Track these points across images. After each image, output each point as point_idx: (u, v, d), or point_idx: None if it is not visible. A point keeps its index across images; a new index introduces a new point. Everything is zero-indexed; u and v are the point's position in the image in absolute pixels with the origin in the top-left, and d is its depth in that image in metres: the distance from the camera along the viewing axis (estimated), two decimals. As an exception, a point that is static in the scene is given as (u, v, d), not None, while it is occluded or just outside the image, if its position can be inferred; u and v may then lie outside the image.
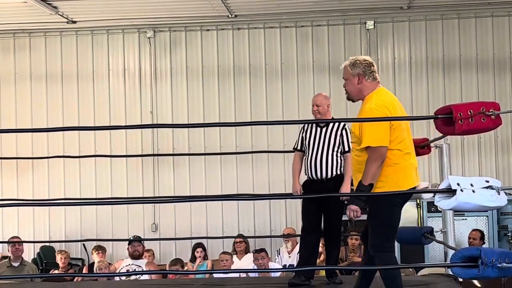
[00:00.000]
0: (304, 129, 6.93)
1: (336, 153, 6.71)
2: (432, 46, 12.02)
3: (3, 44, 12.56)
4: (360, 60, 5.34)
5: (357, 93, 5.39)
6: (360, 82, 5.35)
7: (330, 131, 6.73)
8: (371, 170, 5.05)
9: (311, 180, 6.78)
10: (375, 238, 5.24)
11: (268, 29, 12.25)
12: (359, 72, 5.32)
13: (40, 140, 12.18)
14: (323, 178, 6.68)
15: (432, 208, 10.80)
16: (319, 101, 6.89)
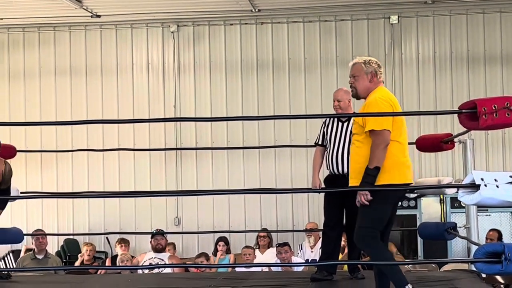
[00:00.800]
0: (326, 124, 6.89)
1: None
2: (457, 40, 11.95)
3: (28, 38, 12.65)
4: (372, 60, 5.48)
5: (366, 90, 5.47)
6: (371, 80, 5.44)
7: (351, 126, 6.71)
8: (376, 154, 5.11)
9: (333, 175, 6.76)
10: (363, 229, 5.25)
11: (292, 23, 12.23)
12: (372, 71, 5.43)
13: (64, 134, 12.26)
14: (344, 173, 6.65)
15: (455, 203, 10.76)
16: (340, 96, 6.84)
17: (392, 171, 5.20)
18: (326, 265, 6.68)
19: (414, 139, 7.64)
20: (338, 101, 6.82)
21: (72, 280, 7.45)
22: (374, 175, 5.11)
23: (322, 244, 7.01)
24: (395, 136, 5.25)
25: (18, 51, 12.65)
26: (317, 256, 10.18)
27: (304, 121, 11.88)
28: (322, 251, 6.94)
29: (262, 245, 10.62)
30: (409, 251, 11.13)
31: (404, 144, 5.34)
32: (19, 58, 12.64)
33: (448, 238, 6.81)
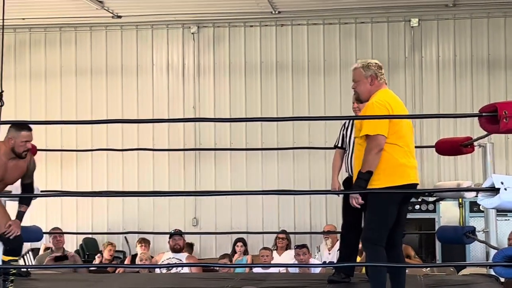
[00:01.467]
0: (345, 126, 6.87)
1: None
2: (477, 44, 11.91)
3: (50, 38, 12.74)
4: (372, 63, 5.49)
5: (368, 94, 5.50)
6: (372, 83, 5.47)
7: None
8: (369, 158, 5.13)
9: (351, 178, 6.75)
10: (369, 232, 5.28)
11: (312, 25, 12.24)
12: (371, 74, 5.45)
13: (84, 133, 12.32)
14: None
15: (474, 207, 10.71)
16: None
17: (392, 174, 5.21)
18: (344, 267, 6.68)
19: (434, 142, 7.63)
20: (358, 104, 6.82)
21: (90, 278, 7.50)
22: (365, 179, 5.14)
23: (340, 246, 7.00)
24: (393, 139, 5.24)
25: (39, 51, 12.75)
26: (335, 258, 10.17)
27: (322, 123, 11.88)
28: (340, 253, 6.94)
29: (280, 247, 10.62)
30: (427, 254, 11.09)
31: (404, 147, 5.30)
32: (40, 58, 12.73)
33: (467, 242, 6.79)
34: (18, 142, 6.15)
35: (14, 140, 6.17)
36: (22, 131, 6.15)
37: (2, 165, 6.15)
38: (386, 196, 5.20)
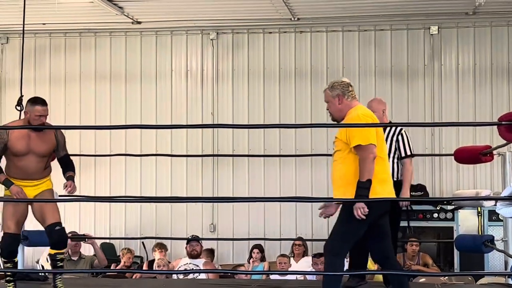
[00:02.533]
0: None
1: (393, 159, 6.63)
2: (497, 52, 11.84)
3: (70, 43, 12.81)
4: (337, 82, 5.63)
5: (339, 113, 5.62)
6: (340, 102, 5.58)
7: (386, 137, 6.62)
8: (367, 166, 5.20)
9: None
10: (333, 243, 5.37)
11: (331, 32, 12.23)
12: (338, 93, 5.56)
13: (103, 138, 12.37)
14: None
15: (493, 216, 10.65)
16: (373, 106, 6.77)
17: (375, 188, 5.26)
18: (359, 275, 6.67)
19: (453, 151, 7.60)
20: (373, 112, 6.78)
21: (107, 283, 7.52)
22: (367, 187, 5.20)
23: (350, 255, 6.98)
24: (377, 151, 5.33)
25: (59, 56, 12.82)
26: (352, 265, 10.14)
27: (341, 131, 11.83)
28: (350, 260, 6.92)
29: (297, 254, 10.61)
30: (446, 263, 11.03)
31: (385, 159, 5.45)
32: (60, 63, 12.80)
33: (486, 251, 6.77)
34: (33, 116, 6.32)
35: (29, 114, 6.33)
36: (36, 105, 6.32)
37: (25, 135, 6.29)
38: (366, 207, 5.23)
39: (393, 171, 6.58)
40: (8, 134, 6.30)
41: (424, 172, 11.76)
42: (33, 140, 6.34)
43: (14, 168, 6.40)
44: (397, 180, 6.59)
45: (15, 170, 6.39)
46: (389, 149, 6.60)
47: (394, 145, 6.64)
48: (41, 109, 6.31)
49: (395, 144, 6.64)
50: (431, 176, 11.74)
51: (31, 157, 6.36)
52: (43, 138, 6.38)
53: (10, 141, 6.29)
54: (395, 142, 6.65)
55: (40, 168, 6.41)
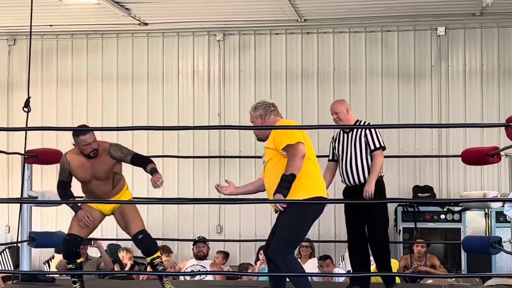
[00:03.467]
0: (333, 139, 6.97)
1: (366, 156, 6.64)
2: (505, 53, 11.81)
3: (77, 45, 12.82)
4: (260, 103, 5.85)
5: (263, 132, 5.79)
6: (263, 122, 5.79)
7: (355, 135, 6.70)
8: (294, 162, 5.36)
9: (348, 187, 6.79)
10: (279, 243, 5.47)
11: (338, 33, 12.21)
12: (261, 113, 5.78)
13: (109, 140, 12.33)
14: (357, 184, 6.64)
15: (500, 217, 10.62)
16: (336, 108, 6.89)
17: (309, 187, 5.47)
18: (359, 279, 6.65)
19: (460, 152, 7.58)
20: (336, 114, 6.86)
21: (114, 285, 7.52)
22: (289, 181, 5.33)
23: (350, 259, 6.96)
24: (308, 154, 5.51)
25: (66, 58, 12.84)
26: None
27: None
28: (351, 266, 6.91)
29: (304, 255, 10.58)
30: (453, 264, 11.01)
31: (315, 161, 5.63)
32: (67, 64, 12.82)
33: (493, 252, 6.75)
34: (82, 147, 6.35)
35: (78, 146, 6.37)
36: (79, 136, 6.34)
37: (83, 163, 6.39)
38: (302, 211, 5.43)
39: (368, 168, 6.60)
40: (69, 163, 6.42)
41: (431, 173, 11.74)
42: (91, 167, 6.40)
43: (85, 192, 6.59)
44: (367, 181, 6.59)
45: (87, 194, 6.58)
46: (359, 147, 6.63)
47: (364, 141, 6.65)
48: (85, 138, 6.32)
49: (364, 139, 6.65)
50: (438, 177, 11.71)
51: (94, 183, 6.47)
52: (99, 162, 6.42)
53: (72, 170, 6.43)
54: (364, 138, 6.65)
55: (107, 189, 6.51)
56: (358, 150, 6.65)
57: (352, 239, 6.77)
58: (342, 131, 6.83)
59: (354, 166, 6.64)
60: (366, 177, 6.59)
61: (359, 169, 6.62)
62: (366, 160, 6.63)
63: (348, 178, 6.69)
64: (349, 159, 6.68)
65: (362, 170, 6.63)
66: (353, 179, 6.66)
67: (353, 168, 6.64)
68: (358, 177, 6.63)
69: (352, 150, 6.68)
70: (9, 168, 12.64)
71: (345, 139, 6.78)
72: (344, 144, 6.77)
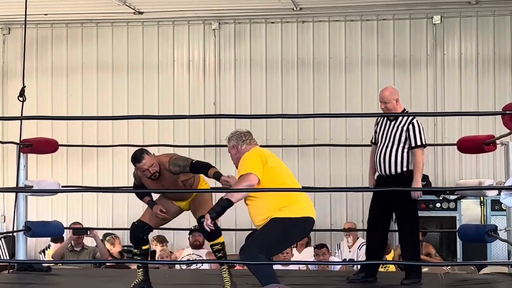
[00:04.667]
0: (377, 122, 6.80)
1: (403, 148, 6.52)
2: (500, 42, 11.81)
3: (71, 34, 12.78)
4: (233, 134, 5.98)
5: (238, 161, 5.87)
6: (236, 151, 5.91)
7: (397, 126, 6.57)
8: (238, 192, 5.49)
9: (380, 176, 6.68)
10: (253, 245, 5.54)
11: (333, 22, 12.19)
12: (234, 144, 5.91)
13: (105, 129, 12.37)
14: (388, 174, 6.56)
15: (496, 206, 10.64)
16: (385, 97, 6.68)
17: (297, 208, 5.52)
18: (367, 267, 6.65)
19: (456, 140, 7.59)
20: (385, 103, 6.67)
21: (110, 274, 7.53)
22: (222, 205, 5.54)
23: (366, 244, 6.98)
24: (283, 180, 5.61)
25: (61, 47, 12.79)
26: (355, 256, 10.15)
27: (343, 120, 11.84)
28: (366, 250, 6.91)
29: (300, 244, 10.59)
30: (448, 253, 11.03)
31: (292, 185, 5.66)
32: (62, 53, 12.78)
33: (489, 240, 6.76)
34: (141, 173, 6.41)
35: (137, 171, 6.46)
36: (135, 164, 6.37)
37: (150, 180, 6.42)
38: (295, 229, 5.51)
39: (402, 161, 6.51)
40: (140, 178, 6.50)
41: (426, 162, 11.66)
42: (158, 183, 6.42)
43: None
44: (401, 171, 6.52)
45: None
46: (398, 138, 6.52)
47: (404, 135, 6.51)
48: (141, 165, 6.30)
49: (406, 134, 6.52)
50: (434, 165, 11.72)
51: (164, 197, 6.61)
52: (164, 179, 6.39)
53: (144, 183, 6.51)
54: (405, 131, 6.52)
55: (180, 196, 6.58)
56: (397, 141, 6.52)
57: (373, 223, 6.70)
58: (386, 118, 6.66)
59: (388, 156, 6.52)
60: (398, 170, 6.48)
61: (392, 160, 6.50)
62: (402, 152, 6.50)
63: (380, 167, 6.58)
64: (385, 148, 6.56)
65: (395, 161, 6.50)
66: (384, 169, 6.55)
67: (386, 158, 6.52)
68: (390, 168, 6.51)
69: (391, 139, 6.55)
70: (4, 157, 12.62)
71: (387, 126, 6.62)
72: (385, 131, 6.62)
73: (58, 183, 7.36)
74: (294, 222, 5.47)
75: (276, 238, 5.46)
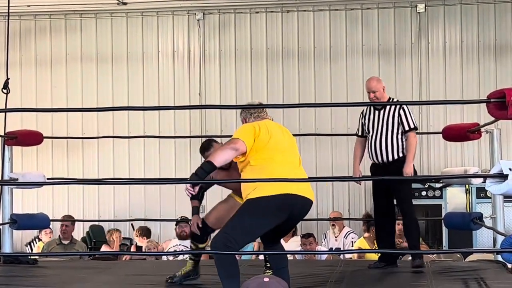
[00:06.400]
0: (363, 114, 6.86)
1: (397, 135, 6.61)
2: (484, 30, 11.85)
3: (55, 25, 12.72)
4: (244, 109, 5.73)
5: None
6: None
7: (387, 113, 6.65)
8: (219, 152, 5.14)
9: (375, 164, 6.75)
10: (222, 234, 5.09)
11: (318, 12, 12.19)
12: (243, 116, 5.63)
13: (90, 120, 12.32)
14: (385, 162, 6.63)
15: (481, 193, 10.70)
16: (374, 87, 6.73)
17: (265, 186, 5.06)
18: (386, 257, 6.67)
19: (441, 129, 7.62)
20: (373, 92, 6.71)
21: (98, 265, 7.52)
22: (203, 167, 5.12)
23: (376, 234, 6.99)
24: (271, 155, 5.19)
25: (44, 38, 12.73)
26: (341, 245, 10.18)
27: (328, 110, 11.87)
28: (377, 240, 6.96)
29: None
30: (434, 241, 11.09)
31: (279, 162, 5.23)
32: (45, 45, 12.71)
33: (474, 228, 6.80)
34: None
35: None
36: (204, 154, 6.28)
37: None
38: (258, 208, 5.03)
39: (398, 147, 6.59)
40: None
41: (412, 150, 11.77)
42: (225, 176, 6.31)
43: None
44: (398, 157, 6.59)
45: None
46: (391, 125, 6.59)
47: (396, 120, 6.59)
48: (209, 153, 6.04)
49: (398, 119, 6.60)
50: (419, 154, 11.74)
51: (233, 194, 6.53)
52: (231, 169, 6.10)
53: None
54: (397, 117, 6.60)
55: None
56: (390, 128, 6.61)
57: (381, 213, 6.75)
58: (373, 108, 6.73)
59: (384, 144, 6.60)
60: (395, 156, 6.58)
61: (388, 147, 6.59)
62: (396, 138, 6.60)
63: (377, 156, 6.65)
64: (379, 137, 6.64)
65: (391, 148, 6.59)
66: (381, 157, 6.63)
67: (382, 146, 6.60)
68: (387, 155, 6.59)
69: (383, 127, 6.63)
70: (-12, 150, 12.54)
71: (376, 116, 6.70)
72: (375, 121, 6.70)
73: (43, 176, 7.33)
74: (266, 201, 5.02)
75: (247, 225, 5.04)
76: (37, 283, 6.28)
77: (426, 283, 5.92)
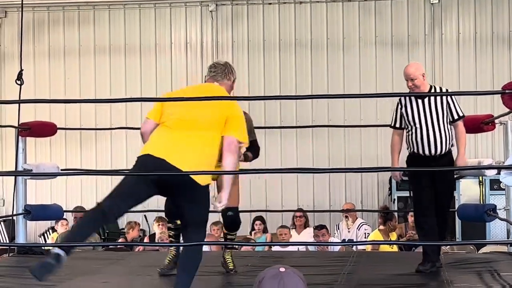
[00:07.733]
0: (402, 105, 6.25)
1: (447, 124, 6.11)
2: (498, 20, 11.79)
3: (68, 17, 12.74)
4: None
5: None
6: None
7: (434, 102, 6.12)
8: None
9: (422, 157, 6.16)
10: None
11: (331, 3, 12.16)
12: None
13: (103, 112, 12.35)
14: (436, 154, 6.11)
15: (494, 185, 10.65)
16: (412, 74, 6.20)
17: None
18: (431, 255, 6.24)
19: (454, 120, 7.56)
20: (412, 80, 6.19)
21: (111, 256, 7.54)
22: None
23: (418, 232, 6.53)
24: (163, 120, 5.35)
25: (58, 30, 12.76)
26: (354, 236, 10.17)
27: (341, 101, 11.83)
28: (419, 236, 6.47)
29: (299, 225, 10.60)
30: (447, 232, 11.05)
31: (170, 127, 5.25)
32: (59, 36, 12.74)
33: (488, 220, 6.72)
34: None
35: None
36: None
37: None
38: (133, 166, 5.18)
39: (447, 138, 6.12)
40: None
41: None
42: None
43: None
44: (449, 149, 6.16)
45: None
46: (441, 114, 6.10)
47: (445, 109, 6.12)
48: None
49: (447, 107, 6.12)
50: (432, 145, 11.71)
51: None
52: None
53: None
54: (446, 105, 6.12)
55: None
56: (440, 118, 6.08)
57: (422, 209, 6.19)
58: (414, 98, 6.19)
59: (438, 135, 6.06)
60: (443, 149, 6.06)
61: (438, 138, 6.06)
62: (446, 128, 6.08)
63: (429, 148, 6.07)
64: (430, 128, 6.08)
65: (441, 139, 6.07)
66: (434, 149, 6.07)
67: (436, 138, 6.05)
68: (436, 147, 6.05)
69: (433, 117, 6.09)
70: (2, 141, 12.61)
71: (420, 106, 6.13)
72: (420, 111, 6.13)
73: (57, 167, 7.35)
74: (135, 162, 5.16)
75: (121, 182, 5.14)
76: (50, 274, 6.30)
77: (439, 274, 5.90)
